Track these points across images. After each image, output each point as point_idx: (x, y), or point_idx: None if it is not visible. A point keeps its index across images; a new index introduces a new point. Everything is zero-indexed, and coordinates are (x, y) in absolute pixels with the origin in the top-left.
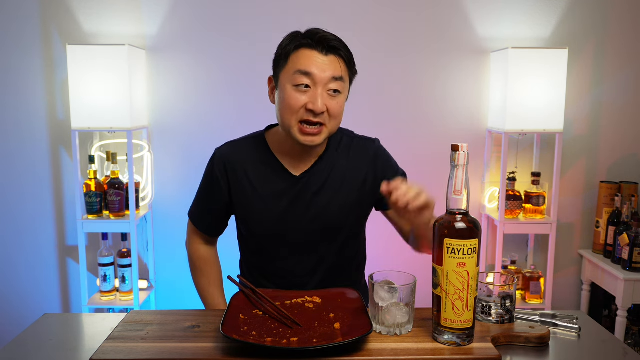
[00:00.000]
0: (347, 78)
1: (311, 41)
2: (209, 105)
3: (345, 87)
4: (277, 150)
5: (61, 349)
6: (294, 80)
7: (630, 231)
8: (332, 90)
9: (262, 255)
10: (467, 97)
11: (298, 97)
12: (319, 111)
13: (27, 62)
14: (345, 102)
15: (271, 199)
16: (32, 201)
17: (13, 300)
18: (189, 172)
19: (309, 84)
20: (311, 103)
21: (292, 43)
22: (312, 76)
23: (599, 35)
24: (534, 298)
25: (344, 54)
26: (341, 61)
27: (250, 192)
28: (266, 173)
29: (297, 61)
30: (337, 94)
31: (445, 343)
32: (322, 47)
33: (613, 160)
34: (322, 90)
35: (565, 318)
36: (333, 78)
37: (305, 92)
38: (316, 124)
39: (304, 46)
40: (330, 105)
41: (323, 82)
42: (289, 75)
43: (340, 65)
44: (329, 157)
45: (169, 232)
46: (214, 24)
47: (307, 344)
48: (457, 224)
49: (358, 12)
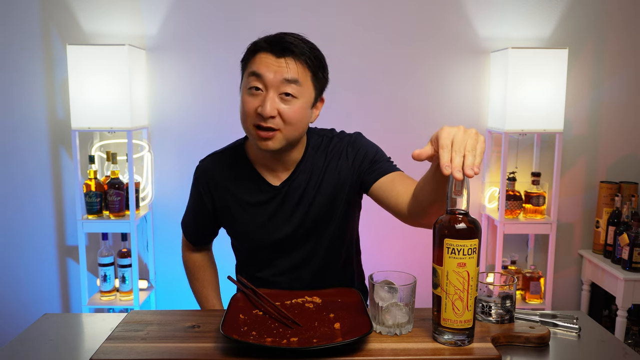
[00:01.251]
0: (305, 81)
1: (266, 44)
2: (209, 105)
3: (304, 92)
4: (256, 160)
5: (61, 349)
6: (247, 84)
7: (630, 231)
8: (284, 93)
9: (252, 262)
10: (467, 97)
11: (250, 101)
12: (267, 115)
13: (27, 62)
14: (307, 109)
15: (253, 211)
16: (32, 201)
17: (13, 300)
18: (189, 172)
19: (260, 87)
20: (260, 106)
21: (252, 45)
22: (263, 78)
23: (599, 35)
24: (534, 298)
25: (305, 56)
26: (299, 63)
27: (233, 205)
28: (246, 186)
29: (252, 64)
30: (291, 98)
31: (445, 343)
32: (277, 49)
33: (613, 160)
34: (274, 93)
35: (565, 318)
36: (285, 80)
37: (257, 96)
38: (267, 129)
39: (261, 50)
40: (283, 110)
41: (274, 84)
42: (245, 79)
43: (296, 68)
44: (307, 162)
45: (169, 232)
46: (213, 24)
47: (307, 344)
48: (457, 224)
49: (358, 12)
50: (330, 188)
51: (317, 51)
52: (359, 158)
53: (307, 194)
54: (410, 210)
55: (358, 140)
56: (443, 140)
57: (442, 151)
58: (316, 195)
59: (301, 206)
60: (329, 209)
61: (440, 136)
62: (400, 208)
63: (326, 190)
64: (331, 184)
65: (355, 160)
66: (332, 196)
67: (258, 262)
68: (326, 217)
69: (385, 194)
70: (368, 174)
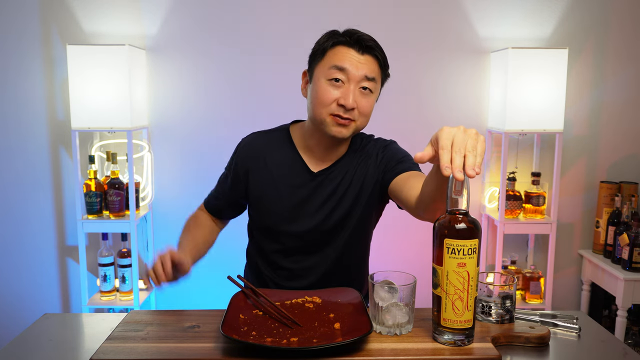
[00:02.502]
0: (379, 79)
1: (349, 39)
2: (209, 105)
3: (377, 88)
4: (300, 145)
5: (61, 349)
6: (329, 75)
7: (630, 231)
8: (363, 87)
9: (268, 241)
10: (467, 97)
11: (331, 91)
12: (350, 107)
13: (27, 62)
14: (374, 103)
15: (286, 191)
16: (32, 201)
17: (13, 300)
18: (189, 172)
19: (342, 79)
20: (343, 98)
21: (330, 40)
22: (347, 72)
23: (599, 35)
24: (534, 298)
25: (379, 55)
26: (375, 62)
27: (267, 180)
28: (286, 165)
29: (334, 57)
30: (369, 92)
31: (445, 343)
32: (359, 46)
33: (613, 160)
34: (355, 87)
35: (565, 318)
36: (366, 77)
37: (338, 87)
38: (346, 118)
39: (342, 43)
40: (361, 103)
41: (356, 79)
42: (324, 70)
43: (374, 66)
44: (348, 159)
45: (169, 232)
46: (214, 24)
47: (307, 344)
48: (457, 224)
49: (358, 11)
50: (358, 186)
51: (383, 51)
52: (386, 158)
53: (340, 188)
54: (417, 203)
55: (391, 145)
56: (443, 141)
57: (442, 152)
58: (346, 191)
59: (332, 197)
60: (352, 207)
61: (440, 137)
62: (410, 201)
63: (355, 188)
64: (360, 183)
65: (382, 160)
66: (357, 195)
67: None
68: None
69: (399, 188)
70: (390, 172)
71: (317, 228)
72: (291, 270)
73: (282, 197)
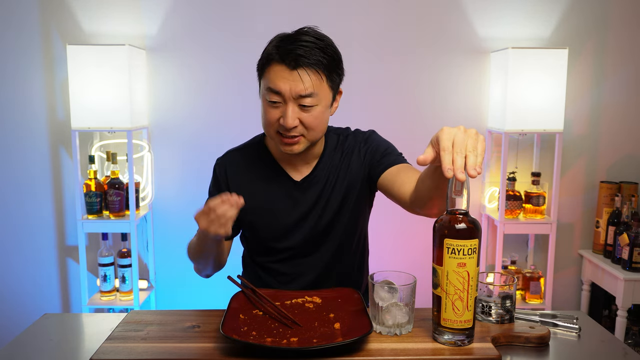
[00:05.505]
0: (321, 88)
1: (279, 55)
2: (209, 105)
3: (321, 98)
4: (278, 156)
5: (61, 349)
6: (267, 96)
7: (630, 231)
8: (302, 105)
9: (263, 255)
10: (467, 97)
11: (272, 112)
12: (289, 127)
13: (27, 62)
14: (326, 110)
15: (273, 204)
16: (32, 201)
17: (13, 301)
18: (189, 172)
19: (279, 101)
20: (282, 118)
21: (266, 53)
22: (281, 94)
23: (599, 35)
24: (534, 298)
25: (318, 64)
26: (312, 73)
27: (253, 196)
28: (268, 178)
29: (268, 77)
30: (310, 107)
31: (445, 343)
32: (289, 62)
33: (613, 160)
34: (293, 105)
35: (565, 318)
36: (300, 96)
37: (277, 107)
38: (291, 137)
39: (274, 60)
40: (304, 118)
41: (292, 98)
42: (263, 91)
43: (310, 80)
44: (328, 159)
45: (169, 232)
46: (214, 24)
47: (307, 344)
48: (457, 224)
49: (358, 11)
50: (344, 185)
51: (330, 49)
52: (370, 153)
53: (325, 192)
54: (412, 199)
55: (371, 136)
56: (444, 142)
57: (444, 153)
58: (332, 193)
59: (319, 203)
60: (342, 205)
61: (441, 138)
62: (403, 196)
63: (341, 187)
64: (345, 181)
65: (366, 155)
66: (345, 193)
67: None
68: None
69: (390, 183)
70: (377, 167)
71: (308, 234)
72: (288, 275)
73: (269, 211)
